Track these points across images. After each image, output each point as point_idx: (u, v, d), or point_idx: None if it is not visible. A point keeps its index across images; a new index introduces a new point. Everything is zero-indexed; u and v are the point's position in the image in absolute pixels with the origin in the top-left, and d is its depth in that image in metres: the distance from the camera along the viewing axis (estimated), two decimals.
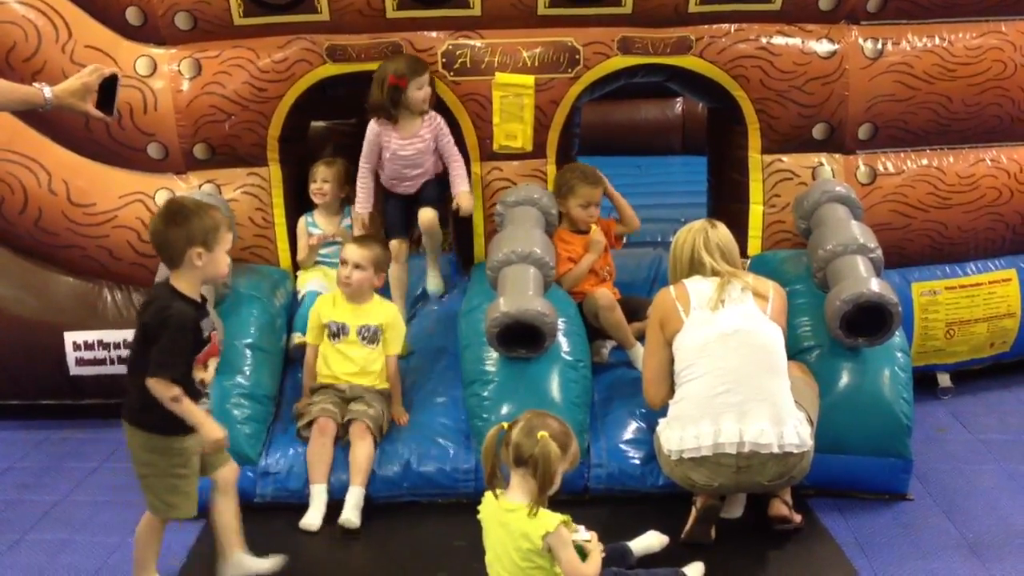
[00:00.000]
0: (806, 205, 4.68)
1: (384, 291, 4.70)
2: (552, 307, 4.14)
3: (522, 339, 4.11)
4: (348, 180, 5.09)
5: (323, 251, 5.08)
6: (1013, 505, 4.12)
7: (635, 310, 4.69)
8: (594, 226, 4.81)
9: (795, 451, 3.65)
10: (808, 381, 4.01)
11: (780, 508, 3.82)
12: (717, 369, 3.71)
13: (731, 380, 3.69)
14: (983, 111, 4.94)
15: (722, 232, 3.95)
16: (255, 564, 3.57)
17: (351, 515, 3.96)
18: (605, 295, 4.60)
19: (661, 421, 3.90)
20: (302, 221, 5.07)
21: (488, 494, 3.29)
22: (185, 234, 3.22)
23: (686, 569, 3.54)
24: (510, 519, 3.18)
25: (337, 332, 4.35)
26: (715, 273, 3.84)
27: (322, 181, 5.07)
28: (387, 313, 4.43)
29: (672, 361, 3.87)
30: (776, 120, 4.84)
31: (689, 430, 3.71)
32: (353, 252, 4.37)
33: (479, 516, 3.36)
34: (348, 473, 4.08)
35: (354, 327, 4.35)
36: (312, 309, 4.45)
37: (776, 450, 3.62)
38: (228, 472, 3.55)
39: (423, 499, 4.10)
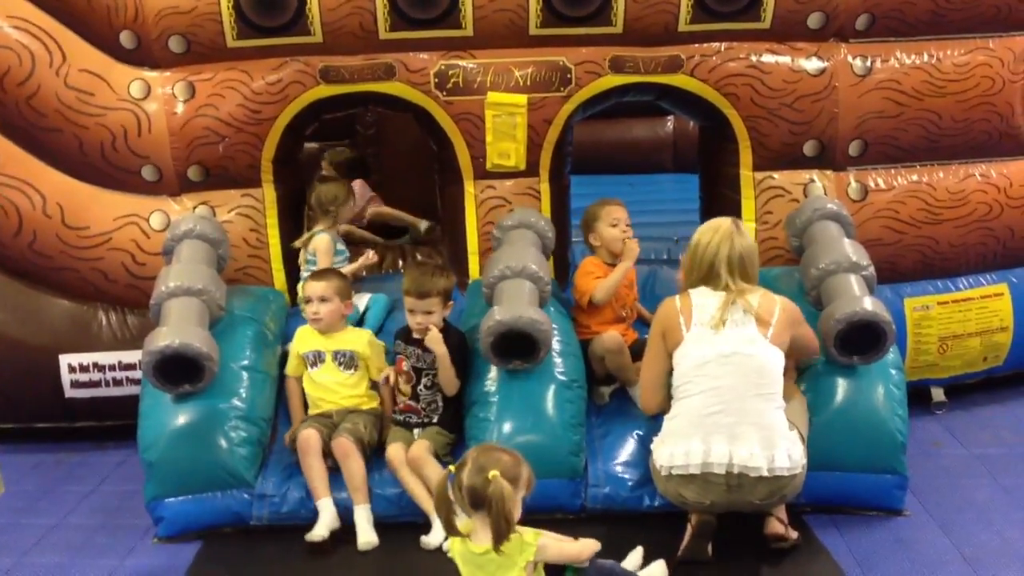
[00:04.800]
0: (798, 223, 4.71)
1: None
2: (546, 316, 4.15)
3: (517, 349, 4.11)
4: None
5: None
6: (1009, 519, 4.13)
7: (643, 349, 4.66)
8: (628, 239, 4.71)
9: (786, 473, 3.67)
10: (798, 396, 4.02)
11: (776, 526, 3.83)
12: (712, 389, 3.73)
13: (724, 401, 3.70)
14: (972, 127, 4.97)
15: (747, 241, 3.93)
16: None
17: (368, 537, 3.98)
18: (613, 338, 4.48)
19: (656, 439, 3.90)
20: (326, 237, 5.02)
21: (453, 538, 3.26)
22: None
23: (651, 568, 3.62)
24: (485, 562, 3.17)
25: (315, 360, 4.39)
26: (725, 288, 3.84)
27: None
28: (361, 340, 4.44)
29: (670, 372, 3.88)
30: (767, 137, 4.87)
31: (680, 447, 3.72)
32: (315, 288, 4.40)
33: (449, 555, 3.35)
34: (347, 493, 4.10)
35: (329, 352, 4.37)
36: (293, 343, 4.48)
37: (766, 473, 3.64)
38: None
39: (422, 519, 4.08)
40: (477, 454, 3.20)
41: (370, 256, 5.16)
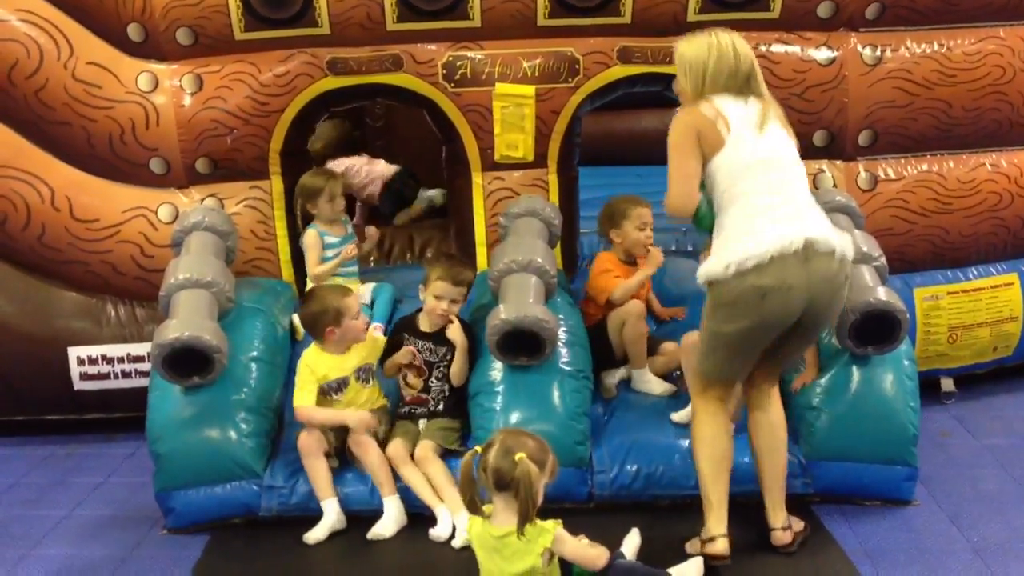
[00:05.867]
0: None
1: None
2: (552, 314, 4.15)
3: (523, 346, 4.11)
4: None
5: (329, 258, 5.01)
6: (1018, 509, 4.11)
7: (651, 347, 4.65)
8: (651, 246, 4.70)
9: (848, 257, 3.54)
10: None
11: (783, 537, 3.76)
12: (762, 184, 3.51)
13: (778, 193, 3.52)
14: (983, 116, 4.94)
15: None
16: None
17: (382, 529, 3.98)
18: (638, 305, 4.52)
19: (702, 267, 3.57)
20: (313, 233, 4.91)
21: (473, 518, 3.29)
22: None
23: (686, 565, 3.56)
24: (502, 546, 3.18)
25: (338, 387, 4.23)
26: (752, 95, 3.62)
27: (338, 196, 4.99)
28: (374, 348, 4.38)
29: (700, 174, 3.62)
30: None
31: (746, 240, 3.47)
32: (357, 300, 4.36)
33: (467, 536, 3.37)
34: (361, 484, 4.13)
35: (351, 374, 4.26)
36: (304, 369, 4.20)
37: (836, 248, 3.49)
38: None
39: (427, 512, 4.08)
40: (504, 437, 3.22)
41: (349, 251, 4.96)
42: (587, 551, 3.29)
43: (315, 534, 3.97)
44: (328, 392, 4.22)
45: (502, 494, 3.17)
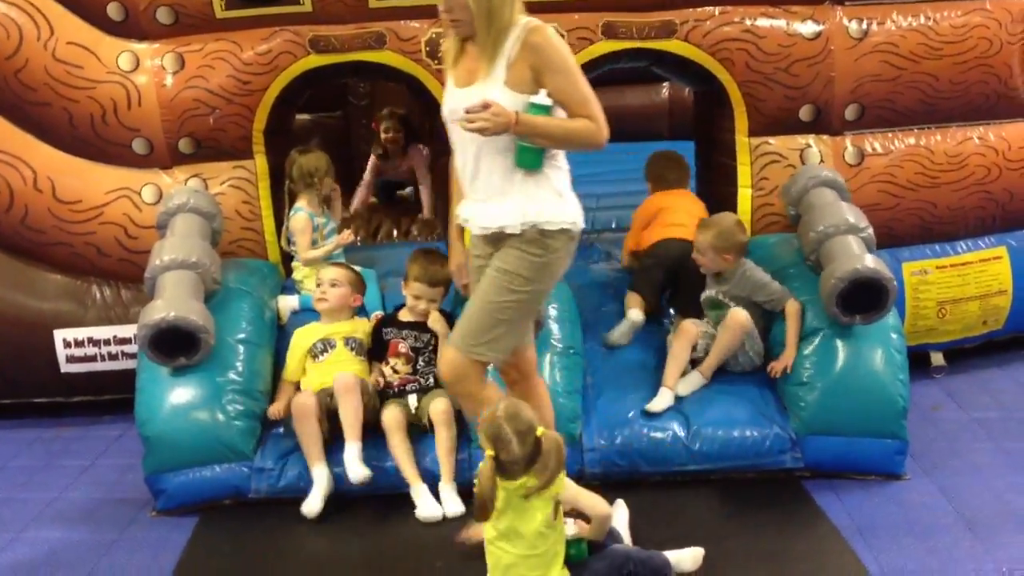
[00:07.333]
0: (793, 192, 4.69)
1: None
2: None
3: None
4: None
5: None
6: (1008, 482, 4.12)
7: None
8: None
9: None
10: None
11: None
12: None
13: None
14: (969, 89, 4.93)
15: None
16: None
17: (358, 472, 3.94)
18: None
19: (553, 215, 3.36)
20: (303, 217, 4.89)
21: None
22: None
23: (684, 552, 3.53)
24: (520, 492, 3.16)
25: (324, 348, 4.36)
26: None
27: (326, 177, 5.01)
28: (365, 329, 4.51)
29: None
30: (762, 103, 4.84)
31: (575, 206, 3.44)
32: (328, 272, 4.53)
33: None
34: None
35: (340, 338, 4.37)
36: (293, 344, 4.44)
37: None
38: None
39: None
40: (511, 428, 3.12)
41: (345, 236, 4.98)
42: (587, 499, 3.30)
43: (312, 506, 3.95)
44: (316, 354, 4.37)
45: (531, 468, 3.14)
